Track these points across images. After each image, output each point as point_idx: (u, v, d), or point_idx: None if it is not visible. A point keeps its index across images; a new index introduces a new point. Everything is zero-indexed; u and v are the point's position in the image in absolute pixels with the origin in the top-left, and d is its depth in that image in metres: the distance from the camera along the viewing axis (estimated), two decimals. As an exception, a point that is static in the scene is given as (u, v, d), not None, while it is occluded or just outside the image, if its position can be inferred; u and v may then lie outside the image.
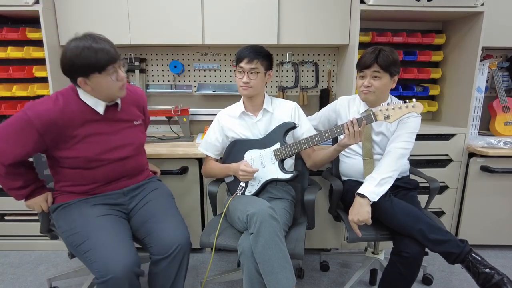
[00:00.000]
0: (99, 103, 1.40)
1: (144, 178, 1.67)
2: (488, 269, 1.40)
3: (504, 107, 2.44)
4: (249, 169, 1.62)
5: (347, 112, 1.83)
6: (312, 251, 2.31)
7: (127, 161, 1.54)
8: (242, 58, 1.63)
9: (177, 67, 2.51)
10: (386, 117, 1.49)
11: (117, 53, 1.35)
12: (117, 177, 1.54)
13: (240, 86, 1.66)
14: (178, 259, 1.46)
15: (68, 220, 1.44)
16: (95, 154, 1.42)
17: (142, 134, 1.66)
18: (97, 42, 1.29)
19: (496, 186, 2.23)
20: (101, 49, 1.28)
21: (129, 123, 1.55)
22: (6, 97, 2.26)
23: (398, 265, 1.49)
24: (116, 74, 1.34)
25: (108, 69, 1.31)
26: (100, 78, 1.31)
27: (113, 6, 2.16)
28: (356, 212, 1.53)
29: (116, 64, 1.33)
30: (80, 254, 1.37)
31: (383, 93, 1.68)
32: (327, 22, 2.23)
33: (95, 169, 1.45)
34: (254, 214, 1.41)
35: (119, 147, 1.49)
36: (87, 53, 1.26)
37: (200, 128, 2.59)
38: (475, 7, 2.05)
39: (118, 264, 1.28)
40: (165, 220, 1.51)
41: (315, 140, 1.60)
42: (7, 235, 2.31)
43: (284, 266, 1.37)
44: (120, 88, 1.39)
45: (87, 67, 1.28)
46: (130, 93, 1.56)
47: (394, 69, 1.65)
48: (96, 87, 1.34)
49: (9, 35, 2.15)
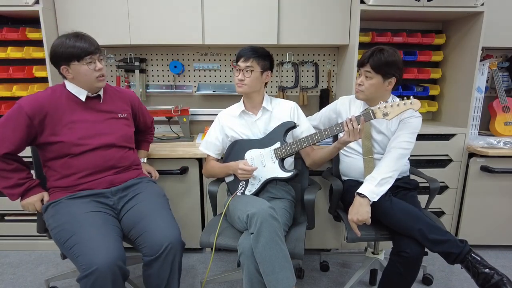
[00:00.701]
0: (81, 91, 1.56)
1: (134, 177, 1.67)
2: (488, 269, 1.40)
3: (504, 107, 2.44)
4: (247, 168, 1.63)
5: (348, 111, 1.83)
6: (312, 251, 2.31)
7: (111, 151, 1.59)
8: (239, 57, 1.68)
9: (177, 67, 2.51)
10: (384, 114, 1.50)
11: (97, 47, 1.53)
12: (102, 167, 1.56)
13: (236, 83, 1.71)
14: (169, 259, 1.44)
15: (56, 218, 1.46)
16: (78, 138, 1.52)
17: (128, 127, 1.71)
18: (79, 36, 1.50)
19: (496, 186, 2.23)
20: (80, 41, 1.48)
21: (112, 114, 1.65)
22: (6, 97, 2.26)
23: (398, 265, 1.49)
24: (94, 65, 1.51)
25: (86, 59, 1.49)
26: (79, 66, 1.49)
27: (113, 6, 2.17)
28: (356, 211, 1.53)
29: (94, 56, 1.51)
30: (67, 250, 1.38)
31: (374, 93, 1.68)
32: (327, 22, 2.23)
33: (79, 157, 1.52)
34: (254, 214, 1.41)
35: (101, 134, 1.57)
36: (68, 43, 1.47)
37: (200, 128, 2.59)
38: (475, 7, 2.05)
39: (101, 257, 1.29)
40: (155, 220, 1.50)
41: (315, 138, 1.60)
42: (7, 235, 2.31)
43: (284, 266, 1.38)
44: (97, 78, 1.54)
45: (68, 54, 1.47)
46: (118, 91, 1.74)
47: (388, 71, 1.62)
48: (76, 75, 1.51)
49: (9, 35, 2.16)
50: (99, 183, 1.56)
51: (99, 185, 1.55)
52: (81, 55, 1.47)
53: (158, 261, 1.44)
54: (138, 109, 1.82)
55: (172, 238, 1.45)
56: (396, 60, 1.63)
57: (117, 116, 1.67)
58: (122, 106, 1.71)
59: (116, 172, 1.61)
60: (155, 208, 1.56)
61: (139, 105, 1.83)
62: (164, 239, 1.44)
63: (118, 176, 1.61)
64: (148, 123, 1.94)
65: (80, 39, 1.49)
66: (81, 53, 1.47)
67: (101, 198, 1.54)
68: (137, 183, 1.66)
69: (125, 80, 2.55)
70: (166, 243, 1.43)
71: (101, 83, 1.57)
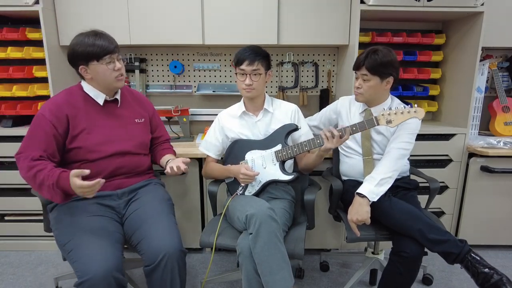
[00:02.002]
0: (99, 95, 1.53)
1: (142, 180, 1.64)
2: (487, 269, 1.40)
3: (504, 107, 2.44)
4: (250, 173, 1.61)
5: (348, 112, 1.83)
6: (312, 251, 2.31)
7: (126, 158, 1.56)
8: (242, 60, 1.62)
9: (177, 67, 2.51)
10: (388, 122, 1.50)
11: (116, 47, 1.48)
12: (114, 173, 1.54)
13: (243, 88, 1.66)
14: (169, 268, 1.39)
15: (59, 219, 1.45)
16: (94, 144, 1.49)
17: (144, 133, 1.66)
18: (98, 35, 1.46)
19: (496, 186, 2.23)
20: (99, 40, 1.44)
21: (130, 119, 1.62)
22: (6, 97, 2.26)
23: (398, 265, 1.49)
24: (114, 65, 1.47)
25: (105, 58, 1.45)
26: (98, 66, 1.45)
27: (113, 6, 2.17)
28: (355, 211, 1.53)
29: (113, 55, 1.47)
30: (66, 253, 1.36)
31: (374, 95, 1.69)
32: (327, 22, 2.23)
33: (93, 163, 1.49)
34: (253, 215, 1.41)
35: (118, 141, 1.54)
36: (87, 42, 1.43)
37: (200, 128, 2.59)
38: (475, 7, 2.05)
39: (97, 265, 1.25)
40: (154, 227, 1.45)
41: (316, 142, 1.60)
42: (7, 235, 2.31)
43: (282, 267, 1.38)
44: (116, 78, 1.50)
45: (86, 54, 1.43)
46: (135, 95, 1.70)
47: (385, 71, 1.62)
48: (95, 75, 1.48)
49: (9, 35, 2.15)
50: (107, 186, 1.49)
51: (107, 187, 1.50)
52: (100, 55, 1.43)
53: (157, 271, 1.39)
54: (153, 115, 1.75)
55: (170, 246, 1.40)
56: (392, 59, 1.63)
57: (135, 121, 1.64)
58: (139, 111, 1.68)
59: (127, 177, 1.59)
60: (156, 214, 1.51)
61: (153, 110, 1.76)
62: (161, 248, 1.38)
63: (127, 180, 1.59)
64: (159, 129, 1.82)
65: (99, 37, 1.45)
66: (100, 52, 1.43)
67: (106, 201, 1.51)
68: (144, 185, 1.63)
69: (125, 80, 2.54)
70: (164, 252, 1.37)
71: (120, 83, 1.54)
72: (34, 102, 2.28)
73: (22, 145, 1.43)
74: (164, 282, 1.41)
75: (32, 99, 2.32)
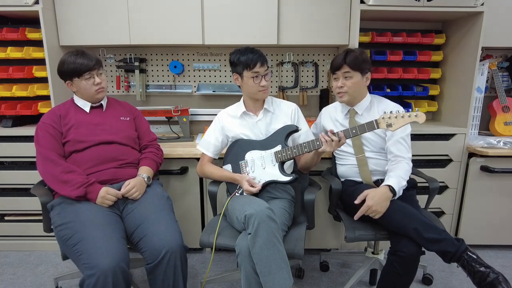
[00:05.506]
0: (86, 104, 1.73)
1: (137, 174, 1.69)
2: (484, 267, 1.41)
3: (504, 107, 2.44)
4: (252, 189, 1.63)
5: (334, 119, 1.85)
6: (312, 251, 2.31)
7: (112, 146, 1.67)
8: (255, 63, 1.63)
9: (177, 67, 2.51)
10: (388, 125, 1.50)
11: (96, 63, 1.67)
12: (103, 159, 1.63)
13: (260, 90, 1.69)
14: (172, 265, 1.44)
15: (62, 215, 1.48)
16: (82, 136, 1.65)
17: (130, 129, 1.79)
18: (79, 54, 1.64)
19: (496, 186, 2.23)
20: (80, 58, 1.63)
21: (115, 118, 1.77)
22: (6, 97, 2.26)
23: (395, 265, 1.49)
24: (93, 80, 1.66)
25: (84, 75, 1.64)
26: (79, 82, 1.65)
27: (113, 6, 2.17)
28: (378, 202, 1.52)
29: (93, 71, 1.65)
30: (70, 248, 1.38)
31: (357, 92, 1.73)
32: (327, 22, 2.23)
33: (82, 152, 1.63)
34: (252, 215, 1.41)
35: (103, 133, 1.68)
36: (69, 60, 1.63)
37: (200, 128, 2.59)
38: (475, 7, 2.05)
39: (105, 257, 1.30)
40: (155, 224, 1.50)
41: (316, 145, 1.60)
42: (7, 235, 2.31)
43: (281, 267, 1.37)
44: (97, 91, 1.69)
45: (70, 71, 1.64)
46: (120, 102, 1.88)
47: (365, 66, 1.70)
48: (78, 89, 1.69)
49: (9, 35, 2.15)
50: (103, 174, 1.61)
51: (103, 175, 1.60)
52: (81, 72, 1.62)
53: (160, 267, 1.43)
54: (137, 119, 1.87)
55: (172, 243, 1.44)
56: (367, 57, 1.73)
57: (120, 119, 1.78)
58: (124, 111, 1.83)
59: (119, 165, 1.66)
60: (156, 211, 1.56)
61: (138, 114, 1.89)
62: (163, 244, 1.43)
63: (121, 171, 1.65)
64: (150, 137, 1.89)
65: (80, 56, 1.63)
66: (80, 69, 1.62)
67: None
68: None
69: (125, 80, 2.55)
70: (166, 249, 1.42)
71: (101, 95, 1.72)
72: (34, 102, 2.28)
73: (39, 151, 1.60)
74: (167, 279, 1.44)
75: (32, 99, 2.32)
